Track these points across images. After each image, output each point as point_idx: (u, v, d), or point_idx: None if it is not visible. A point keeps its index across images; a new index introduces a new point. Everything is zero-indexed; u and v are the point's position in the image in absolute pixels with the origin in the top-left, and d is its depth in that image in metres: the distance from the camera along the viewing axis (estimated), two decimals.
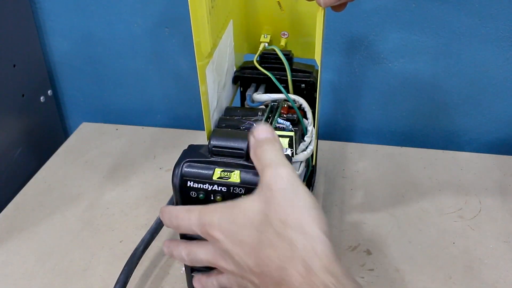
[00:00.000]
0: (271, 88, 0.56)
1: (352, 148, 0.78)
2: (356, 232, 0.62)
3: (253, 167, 0.41)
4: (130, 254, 0.54)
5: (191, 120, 0.89)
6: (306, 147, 0.54)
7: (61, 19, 0.84)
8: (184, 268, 0.58)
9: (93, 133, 0.86)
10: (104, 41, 0.84)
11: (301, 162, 0.53)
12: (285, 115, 0.53)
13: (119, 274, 0.52)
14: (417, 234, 0.62)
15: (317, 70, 0.54)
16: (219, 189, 0.43)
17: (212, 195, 0.43)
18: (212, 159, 0.42)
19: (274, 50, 0.54)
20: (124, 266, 0.52)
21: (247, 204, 0.37)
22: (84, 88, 0.91)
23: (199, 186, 0.43)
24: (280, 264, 0.34)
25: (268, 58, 0.55)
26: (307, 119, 0.54)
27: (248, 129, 0.50)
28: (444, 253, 0.59)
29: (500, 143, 0.80)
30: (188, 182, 0.43)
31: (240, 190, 0.42)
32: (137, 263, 0.54)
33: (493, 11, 0.69)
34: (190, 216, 0.39)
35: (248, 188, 0.42)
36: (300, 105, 0.54)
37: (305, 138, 0.54)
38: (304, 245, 0.34)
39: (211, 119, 0.49)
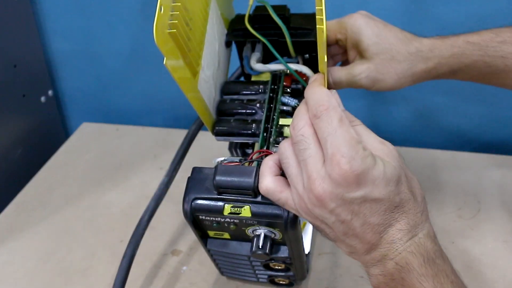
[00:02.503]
0: (268, 48, 0.50)
1: None
2: None
3: (261, 202, 0.40)
4: None
5: (191, 120, 0.89)
6: None
7: (62, 20, 0.84)
8: (185, 268, 0.58)
9: (93, 133, 0.86)
10: (104, 41, 0.84)
11: None
12: (289, 89, 0.50)
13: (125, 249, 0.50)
14: None
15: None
16: (232, 221, 0.42)
17: (226, 224, 0.43)
18: (220, 196, 0.41)
19: (266, 8, 0.48)
20: (131, 239, 0.50)
21: (389, 168, 0.36)
22: (84, 88, 0.91)
23: (211, 219, 0.43)
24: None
25: (260, 18, 0.49)
26: None
27: (251, 114, 0.48)
28: None
29: (500, 143, 0.81)
30: (200, 216, 0.43)
31: (253, 222, 0.42)
32: (143, 234, 0.51)
33: (492, 11, 0.69)
34: (341, 128, 0.36)
35: (260, 221, 0.41)
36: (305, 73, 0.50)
37: None
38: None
39: (210, 109, 0.47)
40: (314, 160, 0.36)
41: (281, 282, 0.53)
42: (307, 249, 0.52)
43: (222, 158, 0.46)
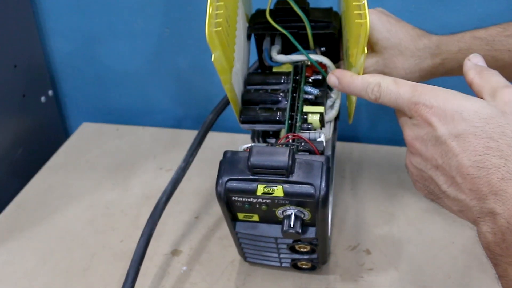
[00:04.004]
0: (287, 39, 0.52)
1: (352, 148, 0.78)
2: (356, 232, 0.62)
3: (294, 181, 0.42)
4: (130, 253, 0.54)
5: (191, 120, 0.90)
6: (333, 103, 0.53)
7: (62, 20, 0.84)
8: (185, 268, 0.59)
9: (93, 133, 0.86)
10: (105, 41, 0.84)
11: (331, 122, 0.53)
12: (310, 79, 0.52)
13: (140, 236, 0.51)
14: (416, 234, 0.62)
15: (336, 15, 0.53)
16: (264, 201, 0.44)
17: (257, 205, 0.44)
18: (253, 177, 0.42)
19: (285, 2, 0.50)
20: (148, 219, 0.52)
21: (476, 105, 0.35)
22: (84, 88, 0.91)
23: (244, 199, 0.44)
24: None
25: (281, 11, 0.51)
26: None
27: (276, 103, 0.50)
28: (443, 252, 0.59)
29: None
30: (233, 197, 0.44)
31: (285, 202, 0.43)
32: (161, 215, 0.53)
33: (492, 12, 0.69)
34: (399, 90, 0.38)
35: (292, 201, 0.43)
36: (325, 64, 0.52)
37: (331, 94, 0.53)
38: None
39: (237, 95, 0.50)
40: (402, 119, 0.39)
41: (304, 266, 0.54)
42: (328, 231, 0.53)
43: (249, 145, 0.48)
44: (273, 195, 0.42)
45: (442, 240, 0.61)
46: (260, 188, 0.42)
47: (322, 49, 0.54)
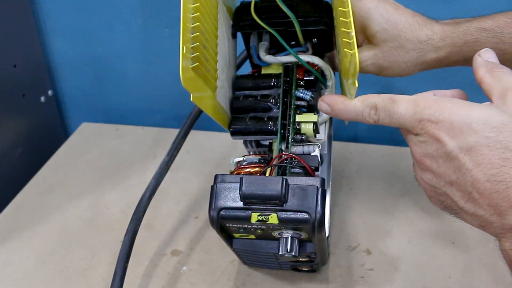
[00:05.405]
0: (275, 37, 0.49)
1: (352, 148, 0.78)
2: (356, 232, 0.62)
3: (288, 210, 0.41)
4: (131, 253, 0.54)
5: None
6: None
7: (62, 19, 0.84)
8: (185, 268, 0.58)
9: (93, 133, 0.86)
10: (104, 41, 0.84)
11: (326, 122, 0.51)
12: (302, 81, 0.49)
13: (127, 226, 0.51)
14: (416, 234, 0.62)
15: (327, 6, 0.50)
16: (259, 227, 0.43)
17: (252, 229, 0.43)
18: (247, 206, 0.42)
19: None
20: (132, 215, 0.51)
21: (485, 113, 0.33)
22: (84, 88, 0.91)
23: (238, 226, 0.43)
24: None
25: (267, 8, 0.48)
26: (324, 76, 0.51)
27: (266, 111, 0.48)
28: (443, 253, 0.59)
29: None
30: (227, 224, 0.43)
31: (280, 227, 0.42)
32: (145, 211, 0.52)
33: (492, 11, 0.69)
34: (399, 109, 0.36)
35: (287, 226, 0.42)
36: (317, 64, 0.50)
37: (325, 92, 0.51)
38: None
39: (226, 109, 0.47)
40: (408, 137, 0.37)
41: (304, 269, 0.54)
42: (326, 232, 0.52)
43: (241, 158, 0.47)
44: (267, 222, 0.41)
45: (442, 240, 0.61)
46: (254, 216, 0.41)
47: (313, 40, 0.51)
